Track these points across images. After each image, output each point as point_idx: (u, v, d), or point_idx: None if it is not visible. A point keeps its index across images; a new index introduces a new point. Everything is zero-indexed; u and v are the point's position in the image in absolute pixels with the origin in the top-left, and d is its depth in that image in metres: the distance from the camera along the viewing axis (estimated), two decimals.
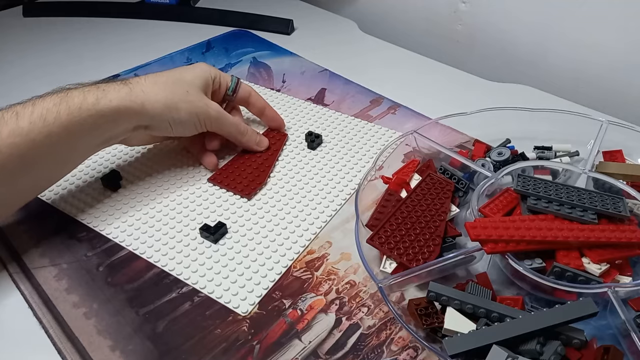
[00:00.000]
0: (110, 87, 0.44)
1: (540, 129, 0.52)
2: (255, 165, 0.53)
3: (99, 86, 0.44)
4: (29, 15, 0.91)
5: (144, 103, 0.45)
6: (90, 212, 0.49)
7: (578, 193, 0.40)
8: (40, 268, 0.44)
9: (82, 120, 0.42)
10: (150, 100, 0.46)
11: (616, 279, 0.37)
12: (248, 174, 0.52)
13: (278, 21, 0.82)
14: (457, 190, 0.46)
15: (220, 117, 0.50)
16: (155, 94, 0.46)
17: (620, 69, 0.63)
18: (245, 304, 0.40)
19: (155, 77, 0.48)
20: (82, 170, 0.53)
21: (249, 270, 0.43)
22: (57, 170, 0.45)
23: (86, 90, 0.43)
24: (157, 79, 0.48)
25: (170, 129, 0.48)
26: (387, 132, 0.58)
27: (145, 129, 0.48)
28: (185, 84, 0.48)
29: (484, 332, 0.33)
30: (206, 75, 0.51)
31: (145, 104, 0.45)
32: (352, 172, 0.53)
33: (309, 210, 0.48)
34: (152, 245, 0.45)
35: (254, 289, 0.41)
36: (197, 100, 0.49)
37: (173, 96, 0.47)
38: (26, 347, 0.38)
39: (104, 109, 0.43)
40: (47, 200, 0.50)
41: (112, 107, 0.43)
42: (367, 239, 0.41)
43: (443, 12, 0.79)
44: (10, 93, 0.68)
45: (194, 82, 0.49)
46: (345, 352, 0.37)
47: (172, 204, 0.50)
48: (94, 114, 0.42)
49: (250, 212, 0.48)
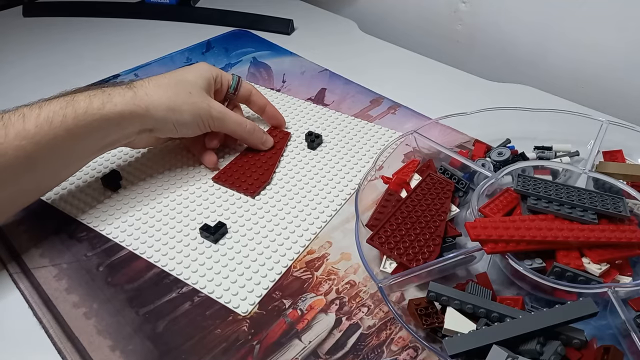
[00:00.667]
0: (115, 91, 0.45)
1: (540, 129, 0.52)
2: (259, 164, 0.53)
3: (104, 90, 0.45)
4: (29, 15, 0.91)
5: (148, 107, 0.46)
6: (90, 212, 0.49)
7: (578, 193, 0.40)
8: (40, 268, 0.44)
9: (87, 124, 0.42)
10: (154, 104, 0.46)
11: (616, 279, 0.37)
12: (252, 173, 0.52)
13: (278, 21, 0.82)
14: (457, 190, 0.46)
15: (223, 116, 0.51)
16: (159, 97, 0.46)
17: (620, 68, 0.63)
18: (246, 303, 0.40)
19: (158, 80, 0.48)
20: (82, 170, 0.53)
21: (249, 270, 0.43)
22: (61, 172, 0.46)
23: (92, 95, 0.44)
24: (160, 81, 0.48)
25: (174, 131, 0.49)
26: (387, 132, 0.58)
27: (150, 132, 0.48)
28: (188, 85, 0.49)
29: (484, 332, 0.33)
30: (208, 75, 0.51)
31: (149, 107, 0.46)
32: (352, 172, 0.53)
33: (309, 210, 0.48)
34: (152, 245, 0.45)
35: (254, 288, 0.41)
36: (200, 102, 0.49)
37: (176, 98, 0.47)
38: (26, 347, 0.38)
39: (109, 113, 0.43)
40: (47, 200, 0.50)
41: (117, 112, 0.44)
42: (367, 239, 0.41)
43: (443, 12, 0.79)
44: (11, 93, 0.69)
45: (196, 83, 0.49)
46: (345, 352, 0.37)
47: (172, 203, 0.50)
48: (98, 117, 0.43)
49: (250, 212, 0.48)
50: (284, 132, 0.58)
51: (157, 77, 0.49)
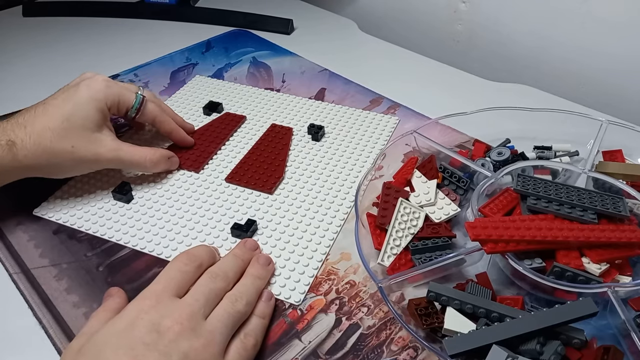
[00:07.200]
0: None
1: (540, 129, 0.52)
2: (269, 160, 0.54)
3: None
4: (29, 15, 0.91)
5: (28, 167, 0.45)
6: (102, 224, 0.48)
7: (578, 193, 0.40)
8: (40, 268, 0.44)
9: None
10: (35, 166, 0.45)
11: (616, 279, 0.37)
12: (264, 170, 0.52)
13: (278, 21, 0.82)
14: (458, 189, 0.46)
15: (116, 159, 0.48)
16: (37, 157, 0.45)
17: (620, 68, 0.63)
18: (296, 293, 0.41)
19: (40, 133, 0.45)
20: (98, 186, 0.52)
21: (290, 261, 0.44)
22: None
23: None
24: (42, 136, 0.45)
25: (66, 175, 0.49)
26: (391, 119, 0.60)
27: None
28: (73, 132, 0.45)
29: (484, 332, 0.33)
30: (100, 106, 0.47)
31: (30, 167, 0.45)
32: (361, 158, 0.55)
33: (331, 198, 0.50)
34: (175, 248, 0.45)
35: (300, 279, 0.42)
36: (85, 152, 0.46)
37: (56, 158, 0.45)
38: (26, 347, 0.38)
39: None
40: (50, 217, 0.50)
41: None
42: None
43: (443, 12, 0.79)
44: (11, 93, 0.69)
45: (84, 126, 0.46)
46: (345, 352, 0.37)
47: (193, 208, 0.49)
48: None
49: (273, 207, 0.49)
50: (285, 128, 0.58)
51: (40, 122, 0.45)
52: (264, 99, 0.65)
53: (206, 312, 0.35)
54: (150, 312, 0.33)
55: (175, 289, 0.36)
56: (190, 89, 0.68)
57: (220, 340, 0.34)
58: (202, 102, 0.65)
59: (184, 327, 0.33)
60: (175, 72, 0.73)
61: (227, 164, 0.54)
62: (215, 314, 0.35)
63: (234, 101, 0.65)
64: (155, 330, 0.32)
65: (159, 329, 0.32)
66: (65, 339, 0.38)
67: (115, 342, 0.32)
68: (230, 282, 0.38)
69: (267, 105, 0.64)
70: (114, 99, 0.49)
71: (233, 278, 0.39)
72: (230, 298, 0.36)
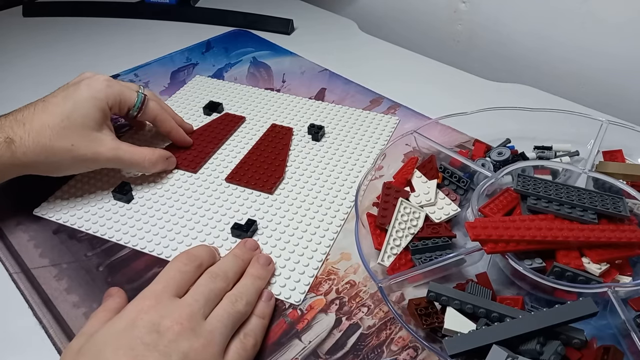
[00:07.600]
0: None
1: (540, 129, 0.52)
2: (269, 160, 0.54)
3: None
4: (29, 15, 0.91)
5: (27, 165, 0.45)
6: (110, 226, 0.48)
7: (578, 193, 0.40)
8: (40, 268, 0.44)
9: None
10: (33, 164, 0.45)
11: (616, 279, 0.37)
12: (265, 170, 0.52)
13: (278, 21, 0.82)
14: (458, 189, 0.46)
15: (115, 158, 0.48)
16: (36, 155, 0.44)
17: (620, 68, 0.63)
18: (296, 292, 0.41)
19: (39, 131, 0.44)
20: (98, 187, 0.52)
21: (290, 261, 0.44)
22: None
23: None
24: (41, 134, 0.44)
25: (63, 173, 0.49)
26: (391, 119, 0.60)
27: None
28: (73, 130, 0.45)
29: (484, 332, 0.33)
30: (101, 105, 0.47)
31: (28, 165, 0.45)
32: (361, 157, 0.55)
33: (331, 198, 0.50)
34: (176, 248, 0.45)
35: (300, 279, 0.42)
36: (85, 151, 0.46)
37: (55, 156, 0.45)
38: (26, 347, 0.38)
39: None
40: (50, 217, 0.50)
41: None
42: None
43: (443, 12, 0.79)
44: (10, 93, 0.69)
45: (84, 124, 0.46)
46: (345, 352, 0.37)
47: (193, 208, 0.49)
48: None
49: (273, 207, 0.49)
50: (285, 128, 0.58)
51: (40, 120, 0.45)
52: (264, 99, 0.65)
53: (206, 312, 0.35)
54: (150, 312, 0.33)
55: (175, 289, 0.36)
56: (191, 89, 0.68)
57: (219, 341, 0.34)
58: (202, 102, 0.65)
59: (183, 327, 0.33)
60: (176, 72, 0.73)
61: (227, 164, 0.54)
62: (215, 314, 0.35)
63: (234, 101, 0.65)
64: (155, 331, 0.32)
65: (158, 329, 0.32)
66: (65, 339, 0.38)
67: (115, 342, 0.32)
68: (230, 282, 0.38)
69: (267, 105, 0.64)
70: (115, 98, 0.49)
71: (233, 278, 0.39)
72: (230, 298, 0.36)
